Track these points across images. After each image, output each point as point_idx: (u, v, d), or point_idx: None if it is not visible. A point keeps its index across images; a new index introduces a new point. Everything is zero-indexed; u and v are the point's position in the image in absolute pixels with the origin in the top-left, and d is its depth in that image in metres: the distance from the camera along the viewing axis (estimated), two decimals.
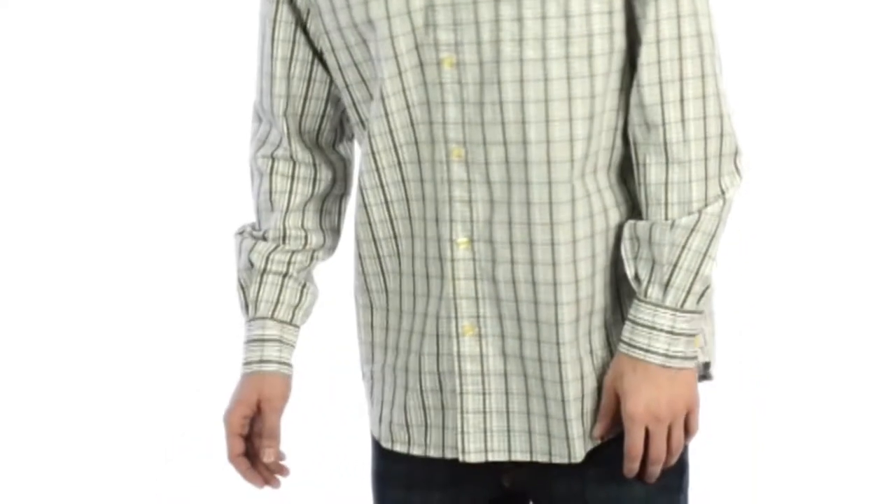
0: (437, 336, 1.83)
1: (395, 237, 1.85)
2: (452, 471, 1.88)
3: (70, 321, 3.42)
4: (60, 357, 3.42)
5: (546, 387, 1.80)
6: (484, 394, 1.83)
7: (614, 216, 1.80)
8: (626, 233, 1.79)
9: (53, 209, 3.45)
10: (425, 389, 1.85)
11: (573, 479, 1.83)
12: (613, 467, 1.80)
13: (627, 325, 1.77)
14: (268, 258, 1.94)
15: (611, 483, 1.82)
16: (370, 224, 1.86)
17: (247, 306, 1.95)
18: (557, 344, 1.78)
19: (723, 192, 1.78)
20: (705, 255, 1.77)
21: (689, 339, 1.77)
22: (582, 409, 1.80)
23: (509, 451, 1.84)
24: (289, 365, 1.94)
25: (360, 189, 1.86)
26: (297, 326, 1.96)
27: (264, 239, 1.96)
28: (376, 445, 1.96)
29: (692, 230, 1.76)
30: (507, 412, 1.83)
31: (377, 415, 1.92)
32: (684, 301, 1.76)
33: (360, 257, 1.89)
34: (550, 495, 1.85)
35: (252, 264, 1.94)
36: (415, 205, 1.82)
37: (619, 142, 1.80)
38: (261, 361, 1.93)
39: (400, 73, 1.77)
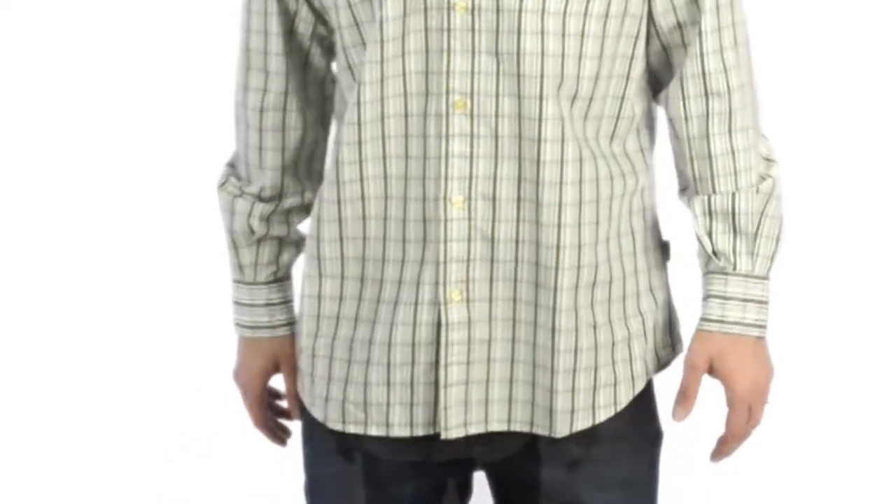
0: (416, 304, 1.73)
1: (363, 199, 1.74)
2: (421, 452, 1.78)
3: (69, 321, 3.42)
4: (60, 357, 3.41)
5: (536, 353, 1.73)
6: (468, 363, 1.73)
7: (618, 186, 1.75)
8: (699, 209, 1.76)
9: (53, 209, 3.44)
10: (394, 363, 1.74)
11: (556, 464, 1.77)
12: (603, 447, 1.76)
13: (715, 302, 1.74)
14: (268, 221, 1.87)
15: (602, 464, 1.77)
16: (338, 183, 1.75)
17: (241, 268, 1.89)
18: (553, 310, 1.70)
19: (766, 158, 1.78)
20: (781, 220, 1.76)
21: (767, 308, 1.75)
22: (573, 384, 1.72)
23: (486, 421, 1.74)
24: (294, 323, 1.89)
25: (336, 144, 1.77)
26: (291, 278, 1.92)
27: (261, 199, 1.87)
28: (315, 439, 1.85)
29: (770, 195, 1.76)
30: (487, 381, 1.73)
31: (322, 393, 1.80)
32: (769, 268, 1.75)
33: (318, 219, 1.79)
34: (532, 477, 1.78)
35: (253, 230, 1.87)
36: (394, 162, 1.72)
37: (626, 111, 1.76)
38: (272, 326, 1.90)
39: (404, 16, 1.68)
